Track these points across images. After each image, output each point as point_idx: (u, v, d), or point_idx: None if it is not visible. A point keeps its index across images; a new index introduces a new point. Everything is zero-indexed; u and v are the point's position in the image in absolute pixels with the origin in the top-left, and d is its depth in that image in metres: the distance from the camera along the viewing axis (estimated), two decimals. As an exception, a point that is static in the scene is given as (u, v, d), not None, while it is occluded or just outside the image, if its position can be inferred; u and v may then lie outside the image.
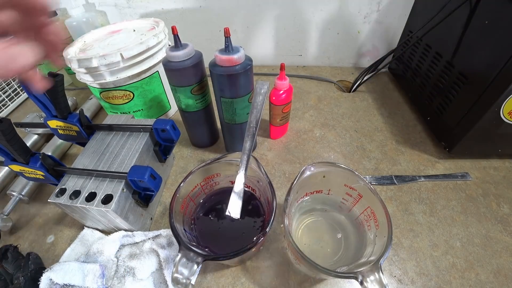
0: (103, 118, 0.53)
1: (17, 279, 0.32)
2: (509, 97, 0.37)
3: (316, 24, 0.72)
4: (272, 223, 0.28)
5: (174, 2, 0.71)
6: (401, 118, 0.59)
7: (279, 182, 0.46)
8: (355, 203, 0.34)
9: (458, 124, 0.44)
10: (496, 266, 0.35)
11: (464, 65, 0.44)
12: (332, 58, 0.79)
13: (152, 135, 0.42)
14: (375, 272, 0.24)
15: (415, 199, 0.43)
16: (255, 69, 0.75)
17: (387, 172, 0.47)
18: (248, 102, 0.42)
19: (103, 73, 0.48)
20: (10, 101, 0.71)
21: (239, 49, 0.37)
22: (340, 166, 0.33)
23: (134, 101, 0.54)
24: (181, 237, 0.27)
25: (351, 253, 0.33)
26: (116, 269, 0.34)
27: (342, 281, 0.34)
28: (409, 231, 0.39)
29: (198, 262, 0.25)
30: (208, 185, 0.37)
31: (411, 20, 0.63)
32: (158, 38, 0.51)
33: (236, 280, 0.35)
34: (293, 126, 0.58)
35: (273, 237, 0.39)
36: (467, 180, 0.45)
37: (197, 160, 0.51)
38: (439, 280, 0.34)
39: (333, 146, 0.53)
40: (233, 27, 0.74)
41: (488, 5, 0.40)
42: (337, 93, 0.68)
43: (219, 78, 0.38)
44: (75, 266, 0.33)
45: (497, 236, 0.38)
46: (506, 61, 0.35)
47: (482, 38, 0.41)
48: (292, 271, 0.35)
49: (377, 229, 0.30)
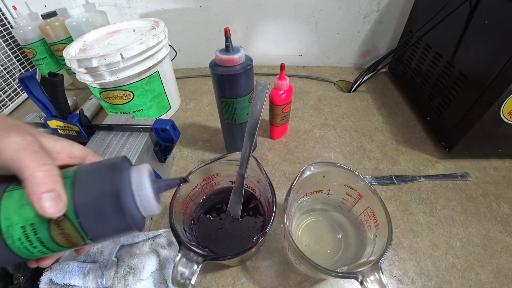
0: (103, 118, 0.53)
1: (17, 279, 0.32)
2: (509, 97, 0.37)
3: (316, 24, 0.72)
4: (272, 223, 0.28)
5: (174, 2, 0.71)
6: (401, 118, 0.59)
7: (279, 182, 0.46)
8: (355, 203, 0.34)
9: (458, 124, 0.44)
10: (496, 266, 0.35)
11: (464, 65, 0.44)
12: (332, 58, 0.79)
13: (152, 135, 0.42)
14: (375, 272, 0.24)
15: (415, 199, 0.43)
16: (255, 69, 0.75)
17: (387, 172, 0.47)
18: (248, 102, 0.42)
19: (103, 73, 0.48)
20: (10, 101, 0.71)
21: (239, 49, 0.37)
22: (340, 166, 0.33)
23: (134, 101, 0.54)
24: (181, 237, 0.27)
25: (351, 253, 0.33)
26: (116, 269, 0.34)
27: (342, 281, 0.34)
28: (409, 231, 0.39)
29: (198, 262, 0.25)
30: (208, 185, 0.37)
31: (411, 20, 0.63)
32: (158, 38, 0.51)
33: (236, 280, 0.35)
34: (293, 126, 0.58)
35: (273, 237, 0.39)
36: (467, 180, 0.45)
37: (197, 160, 0.51)
38: (439, 280, 0.34)
39: (333, 146, 0.53)
40: (233, 27, 0.74)
41: (488, 5, 0.40)
42: (337, 93, 0.68)
43: (220, 78, 0.38)
44: (75, 266, 0.33)
45: (497, 236, 0.38)
46: (506, 61, 0.35)
47: (482, 38, 0.41)
48: (292, 271, 0.35)
49: (377, 229, 0.30)
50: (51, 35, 0.67)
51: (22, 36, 0.69)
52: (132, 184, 0.19)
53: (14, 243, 0.17)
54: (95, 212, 0.18)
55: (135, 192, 0.19)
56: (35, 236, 0.17)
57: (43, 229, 0.17)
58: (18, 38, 0.70)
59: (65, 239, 0.18)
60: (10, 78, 0.72)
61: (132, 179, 0.19)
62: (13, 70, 0.74)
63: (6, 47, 0.71)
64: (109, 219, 0.18)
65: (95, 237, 0.19)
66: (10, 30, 0.72)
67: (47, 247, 0.18)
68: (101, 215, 0.18)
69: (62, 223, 0.17)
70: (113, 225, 0.19)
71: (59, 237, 0.18)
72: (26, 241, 0.17)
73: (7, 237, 0.17)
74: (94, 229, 0.18)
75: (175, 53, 0.72)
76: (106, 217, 0.18)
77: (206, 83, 0.75)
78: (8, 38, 0.72)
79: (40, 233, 0.17)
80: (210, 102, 0.67)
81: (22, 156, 0.16)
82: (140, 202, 0.19)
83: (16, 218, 0.17)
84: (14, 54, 0.74)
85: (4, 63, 0.71)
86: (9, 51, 0.72)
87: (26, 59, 0.77)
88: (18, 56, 0.75)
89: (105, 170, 0.19)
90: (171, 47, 0.61)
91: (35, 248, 0.18)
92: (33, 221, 0.17)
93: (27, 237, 0.17)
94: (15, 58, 0.74)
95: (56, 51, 0.71)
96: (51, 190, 0.16)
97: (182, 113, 0.64)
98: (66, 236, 0.18)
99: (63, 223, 0.17)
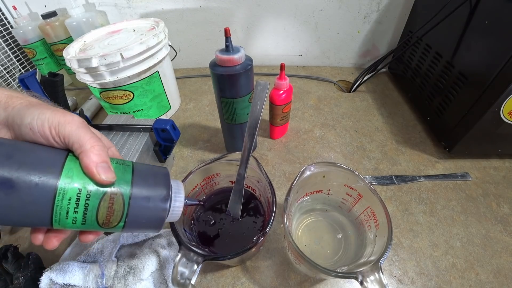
0: (103, 118, 0.53)
1: (17, 279, 0.32)
2: (509, 97, 0.37)
3: (316, 24, 0.72)
4: (272, 223, 0.28)
5: (174, 2, 0.71)
6: (401, 118, 0.59)
7: (279, 182, 0.46)
8: (355, 203, 0.34)
9: (458, 124, 0.44)
10: (496, 266, 0.35)
11: (464, 65, 0.44)
12: (332, 58, 0.79)
13: (152, 135, 0.42)
14: (375, 272, 0.24)
15: (415, 199, 0.43)
16: (255, 69, 0.75)
17: (387, 172, 0.47)
18: (248, 102, 0.42)
19: (103, 73, 0.48)
20: (10, 101, 0.71)
21: (239, 49, 0.37)
22: (340, 166, 0.33)
23: (134, 101, 0.54)
24: (181, 237, 0.27)
25: (351, 253, 0.33)
26: (116, 269, 0.34)
27: (342, 281, 0.34)
28: (409, 231, 0.39)
29: (198, 262, 0.25)
30: (208, 185, 0.37)
31: (411, 20, 0.63)
32: (158, 38, 0.51)
33: (236, 280, 0.35)
34: (293, 126, 0.58)
35: (273, 237, 0.39)
36: (467, 180, 0.45)
37: (197, 160, 0.51)
38: (439, 280, 0.34)
39: (333, 146, 0.53)
40: (233, 27, 0.74)
41: (488, 5, 0.40)
42: (337, 93, 0.68)
43: (220, 78, 0.38)
44: (75, 266, 0.33)
45: (497, 236, 0.38)
46: (506, 61, 0.35)
47: (482, 38, 0.41)
48: (292, 271, 0.35)
49: (377, 229, 0.30)
50: (51, 35, 0.67)
51: (22, 36, 0.69)
52: (172, 194, 0.23)
53: (61, 201, 0.18)
54: (144, 201, 0.21)
55: (172, 201, 0.23)
56: (86, 201, 0.19)
57: (96, 197, 0.19)
58: (18, 38, 0.70)
59: (106, 214, 0.20)
60: (10, 78, 0.72)
61: (173, 191, 0.23)
62: (13, 70, 0.74)
63: (6, 47, 0.71)
64: (150, 213, 0.21)
65: (130, 222, 0.21)
66: (10, 30, 0.72)
67: (85, 217, 0.19)
68: (147, 207, 0.21)
69: (115, 199, 0.20)
70: (149, 219, 0.22)
71: (104, 210, 0.19)
72: (74, 203, 0.18)
73: (59, 193, 0.18)
74: (134, 215, 0.21)
75: (175, 53, 0.72)
76: (149, 209, 0.21)
77: (206, 83, 0.75)
78: (8, 38, 0.72)
79: (91, 201, 0.19)
80: (210, 102, 0.67)
81: (83, 133, 0.19)
82: (172, 210, 0.23)
83: (78, 181, 0.19)
84: (14, 54, 0.74)
85: (4, 63, 0.71)
86: (9, 51, 0.72)
87: (26, 59, 0.77)
88: (18, 56, 0.75)
89: (161, 176, 0.23)
90: (171, 47, 0.61)
91: (75, 213, 0.19)
92: (92, 188, 0.19)
93: (77, 200, 0.18)
94: (15, 58, 0.74)
95: (56, 51, 0.71)
96: (105, 161, 0.19)
97: (182, 113, 0.64)
98: (111, 211, 0.20)
99: (116, 199, 0.20)
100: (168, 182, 0.23)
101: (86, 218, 0.19)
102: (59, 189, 0.18)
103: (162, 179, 0.23)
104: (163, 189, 0.22)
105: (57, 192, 0.18)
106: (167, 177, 0.23)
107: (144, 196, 0.21)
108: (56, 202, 0.18)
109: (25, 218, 0.18)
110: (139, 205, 0.21)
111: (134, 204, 0.20)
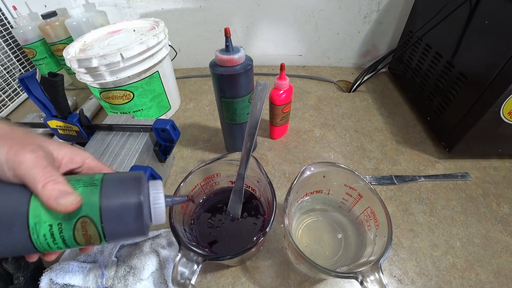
0: (103, 118, 0.53)
1: (17, 279, 0.32)
2: (509, 97, 0.37)
3: (316, 24, 0.72)
4: (272, 223, 0.28)
5: (174, 2, 0.71)
6: (401, 118, 0.59)
7: (279, 182, 0.46)
8: (355, 203, 0.34)
9: (458, 124, 0.44)
10: (496, 266, 0.35)
11: (464, 65, 0.44)
12: (332, 58, 0.79)
13: (152, 135, 0.42)
14: (375, 272, 0.24)
15: (415, 199, 0.43)
16: (255, 69, 0.75)
17: (387, 172, 0.47)
18: (248, 102, 0.42)
19: (103, 73, 0.48)
20: (10, 101, 0.71)
21: (239, 49, 0.37)
22: (340, 166, 0.33)
23: (134, 101, 0.54)
24: (181, 237, 0.27)
25: (351, 253, 0.33)
26: (116, 269, 0.34)
27: (342, 281, 0.34)
28: (409, 231, 0.39)
29: (198, 262, 0.25)
30: (208, 185, 0.37)
31: (411, 20, 0.63)
32: (158, 38, 0.51)
33: (236, 280, 0.35)
34: (293, 126, 0.58)
35: (273, 237, 0.39)
36: (467, 180, 0.45)
37: (197, 160, 0.51)
38: (439, 280, 0.34)
39: (333, 146, 0.53)
40: (233, 27, 0.74)
41: (488, 5, 0.40)
42: (337, 93, 0.68)
43: (220, 78, 0.38)
44: (75, 266, 0.33)
45: (497, 236, 0.38)
46: (506, 61, 0.35)
47: (482, 38, 0.41)
48: (292, 271, 0.35)
49: (377, 229, 0.30)
50: (51, 35, 0.67)
51: (22, 36, 0.69)
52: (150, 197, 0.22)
53: (38, 238, 0.19)
54: (118, 218, 0.20)
55: (151, 204, 0.22)
56: (60, 234, 0.19)
57: (68, 229, 0.19)
58: (18, 38, 0.70)
59: (85, 239, 0.20)
60: (10, 78, 0.72)
61: (150, 193, 0.22)
62: (13, 70, 0.74)
63: (6, 47, 0.71)
64: (128, 225, 0.21)
65: (111, 239, 0.21)
66: (10, 30, 0.72)
67: (66, 244, 0.20)
68: (122, 222, 0.21)
69: (87, 225, 0.20)
70: (129, 231, 0.21)
71: (80, 237, 0.20)
72: (50, 237, 0.19)
73: (33, 232, 0.19)
74: (113, 233, 0.21)
75: (175, 53, 0.72)
76: (126, 223, 0.21)
77: (206, 83, 0.75)
78: (8, 38, 0.72)
79: (65, 232, 0.19)
80: (210, 102, 0.67)
81: (35, 172, 0.19)
82: (154, 213, 0.22)
83: (46, 217, 0.19)
84: (14, 54, 0.74)
85: (4, 63, 0.71)
86: (9, 51, 0.72)
87: (26, 59, 0.77)
88: (18, 56, 0.75)
89: (130, 183, 0.22)
90: (171, 47, 0.61)
91: (56, 244, 0.20)
92: (61, 221, 0.19)
93: (52, 234, 0.19)
94: (15, 58, 0.74)
95: (56, 51, 0.71)
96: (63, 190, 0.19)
97: (182, 113, 0.64)
98: (87, 236, 0.20)
99: (88, 226, 0.20)
100: (140, 190, 0.21)
101: (68, 244, 0.20)
102: (31, 230, 0.19)
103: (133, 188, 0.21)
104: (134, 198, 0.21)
105: (31, 232, 0.19)
106: (138, 184, 0.22)
107: (116, 214, 0.20)
108: (33, 240, 0.19)
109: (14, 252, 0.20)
110: (112, 225, 0.20)
111: (108, 225, 0.20)
